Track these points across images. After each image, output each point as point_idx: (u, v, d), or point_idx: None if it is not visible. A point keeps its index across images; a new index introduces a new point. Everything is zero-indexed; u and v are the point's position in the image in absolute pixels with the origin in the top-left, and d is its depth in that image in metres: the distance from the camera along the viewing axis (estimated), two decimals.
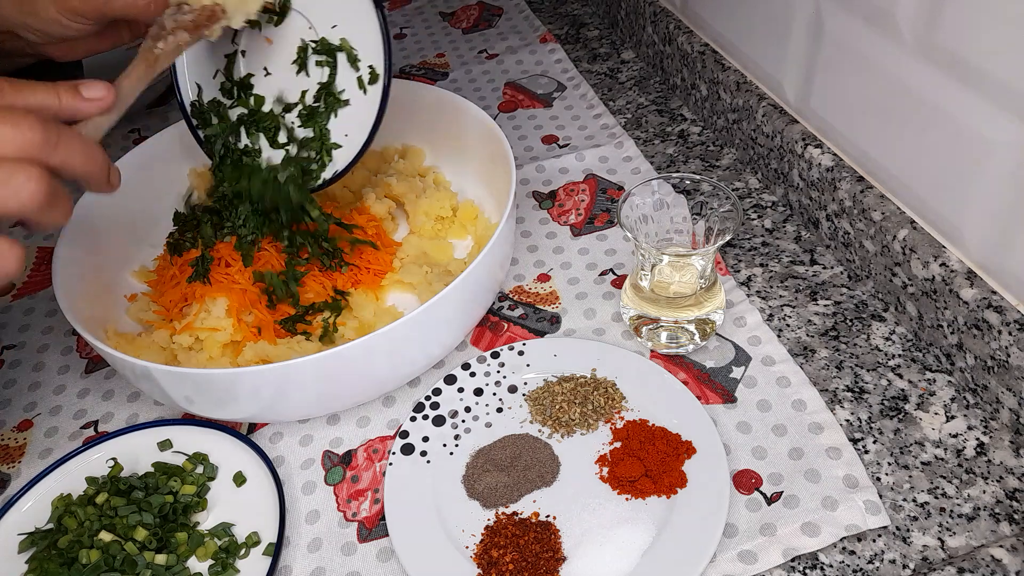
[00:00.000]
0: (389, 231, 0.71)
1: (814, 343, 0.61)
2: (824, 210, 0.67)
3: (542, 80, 0.94)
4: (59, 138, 0.41)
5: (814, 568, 0.49)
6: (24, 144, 0.40)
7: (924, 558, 0.49)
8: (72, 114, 0.46)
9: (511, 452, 0.55)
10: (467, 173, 0.76)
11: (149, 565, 0.51)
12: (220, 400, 0.55)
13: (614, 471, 0.54)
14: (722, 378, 0.59)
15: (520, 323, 0.66)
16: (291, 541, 0.54)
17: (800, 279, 0.67)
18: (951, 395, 0.57)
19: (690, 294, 0.59)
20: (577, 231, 0.74)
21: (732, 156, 0.80)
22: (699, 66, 0.82)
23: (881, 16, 0.57)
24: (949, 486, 0.52)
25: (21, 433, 0.63)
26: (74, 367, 0.68)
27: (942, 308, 0.56)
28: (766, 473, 0.53)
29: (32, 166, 0.40)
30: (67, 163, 0.42)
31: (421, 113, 0.76)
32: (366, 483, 0.56)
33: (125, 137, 0.94)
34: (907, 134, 0.58)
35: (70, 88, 0.46)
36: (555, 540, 0.51)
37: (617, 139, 0.83)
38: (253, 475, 0.56)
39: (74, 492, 0.56)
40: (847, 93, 0.63)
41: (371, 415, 0.61)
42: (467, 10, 1.10)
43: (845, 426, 0.56)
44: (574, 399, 0.57)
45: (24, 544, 0.53)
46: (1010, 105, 0.48)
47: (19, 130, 0.39)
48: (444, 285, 0.55)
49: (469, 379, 0.61)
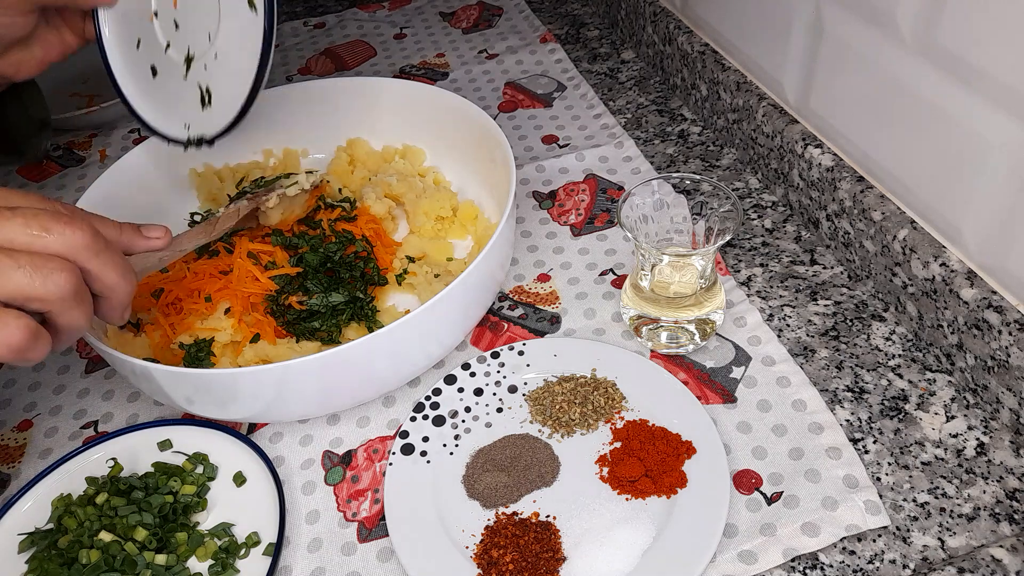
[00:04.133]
0: (389, 231, 0.71)
1: (814, 343, 0.61)
2: (824, 210, 0.67)
3: (542, 80, 0.94)
4: (105, 249, 0.43)
5: (814, 568, 0.49)
6: (71, 243, 0.42)
7: (924, 558, 0.49)
8: (126, 247, 0.49)
9: (511, 452, 0.55)
10: (467, 173, 0.76)
11: (149, 565, 0.51)
12: (220, 400, 0.55)
13: (614, 471, 0.54)
14: (722, 378, 0.59)
15: (520, 323, 0.66)
16: (291, 541, 0.54)
17: (800, 279, 0.67)
18: (951, 395, 0.57)
19: (690, 294, 0.59)
20: (577, 231, 0.74)
21: (732, 156, 0.80)
22: (699, 66, 0.82)
23: (881, 16, 0.57)
24: (949, 486, 0.52)
25: (21, 433, 0.63)
26: (74, 367, 0.68)
27: (942, 308, 0.56)
28: (766, 473, 0.53)
29: (67, 261, 0.41)
30: (101, 273, 0.43)
31: (421, 113, 0.76)
32: (366, 483, 0.56)
33: (125, 137, 0.94)
34: (907, 134, 0.58)
35: (132, 226, 0.49)
36: (555, 540, 0.51)
37: (617, 139, 0.83)
38: (253, 475, 0.56)
39: (74, 492, 0.56)
40: (847, 93, 0.63)
41: (371, 415, 0.61)
42: (467, 10, 1.10)
43: (845, 426, 0.56)
44: (574, 399, 0.57)
45: (24, 544, 0.53)
46: (1010, 105, 0.48)
47: (71, 229, 0.42)
48: (444, 285, 0.55)
49: (469, 379, 0.61)
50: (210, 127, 0.61)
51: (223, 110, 0.60)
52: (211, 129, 0.61)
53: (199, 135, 0.62)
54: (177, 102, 0.63)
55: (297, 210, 0.67)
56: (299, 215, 0.68)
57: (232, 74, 0.60)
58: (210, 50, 0.60)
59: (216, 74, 0.61)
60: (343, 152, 0.78)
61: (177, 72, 0.63)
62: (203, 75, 0.61)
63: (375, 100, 0.78)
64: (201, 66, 0.61)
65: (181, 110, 0.63)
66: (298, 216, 0.67)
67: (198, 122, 0.62)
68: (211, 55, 0.60)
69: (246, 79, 0.58)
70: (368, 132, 0.79)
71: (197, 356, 0.60)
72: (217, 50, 0.60)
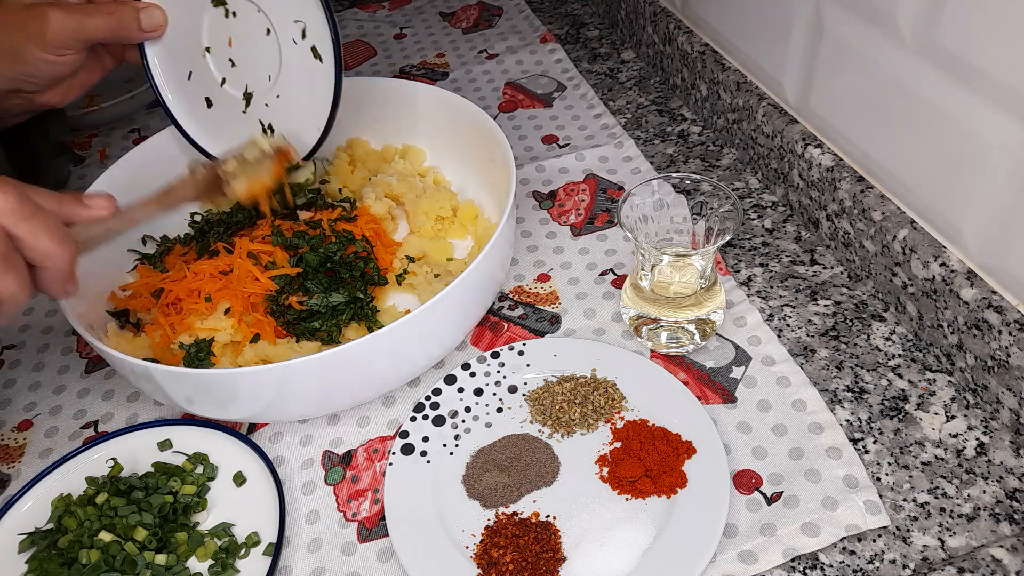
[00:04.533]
0: (389, 231, 0.71)
1: (814, 343, 0.61)
2: (824, 210, 0.67)
3: (542, 80, 0.94)
4: (34, 215, 0.42)
5: (814, 568, 0.49)
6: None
7: (924, 558, 0.49)
8: (67, 216, 0.47)
9: (511, 452, 0.55)
10: (467, 173, 0.76)
11: (149, 565, 0.51)
12: (220, 400, 0.55)
13: (614, 471, 0.54)
14: (722, 378, 0.59)
15: (520, 323, 0.66)
16: (291, 541, 0.54)
17: (800, 279, 0.67)
18: (951, 395, 0.57)
19: (690, 294, 0.59)
20: (577, 231, 0.74)
21: (732, 156, 0.80)
22: (699, 66, 0.82)
23: (881, 16, 0.57)
24: (949, 486, 0.52)
25: (21, 433, 0.63)
26: (74, 367, 0.68)
27: (942, 308, 0.56)
28: (766, 473, 0.53)
29: None
30: (33, 239, 0.42)
31: (421, 113, 0.76)
32: (366, 483, 0.56)
33: (125, 137, 0.94)
34: (907, 134, 0.58)
35: (73, 195, 0.48)
36: (555, 540, 0.51)
37: (617, 139, 0.83)
38: (253, 475, 0.56)
39: (74, 492, 0.56)
40: (847, 93, 0.63)
41: (371, 415, 0.61)
42: (467, 10, 1.10)
43: (845, 426, 0.56)
44: (574, 399, 0.57)
45: (24, 544, 0.53)
46: (1010, 105, 0.48)
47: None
48: (444, 285, 0.55)
49: (469, 379, 0.61)
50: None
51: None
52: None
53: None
54: (235, 133, 0.65)
55: (264, 177, 0.64)
56: (268, 184, 0.64)
57: (296, 115, 0.62)
58: (271, 90, 0.63)
59: (279, 112, 0.63)
60: (343, 152, 0.78)
61: (235, 106, 0.65)
62: (264, 111, 0.64)
63: (375, 100, 0.78)
64: (262, 103, 0.63)
65: (241, 138, 0.64)
66: (267, 186, 0.64)
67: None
68: (272, 95, 0.63)
69: (313, 123, 0.61)
70: (368, 132, 0.79)
71: (197, 356, 0.60)
72: (279, 91, 0.62)
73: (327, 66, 0.58)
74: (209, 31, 0.63)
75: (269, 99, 0.63)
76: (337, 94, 0.59)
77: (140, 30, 0.62)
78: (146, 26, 0.62)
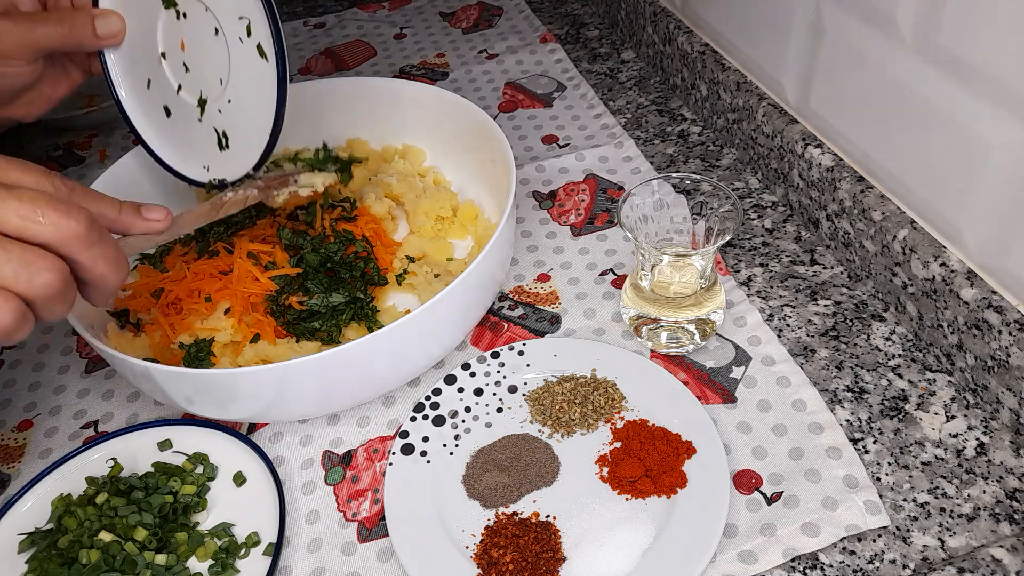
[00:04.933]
0: (389, 231, 0.71)
1: (814, 343, 0.61)
2: (824, 210, 0.67)
3: (542, 80, 0.94)
4: (98, 241, 0.42)
5: (814, 568, 0.49)
6: (64, 233, 0.40)
7: (924, 558, 0.49)
8: (124, 228, 0.47)
9: (511, 452, 0.55)
10: (467, 173, 0.76)
11: (149, 565, 0.51)
12: (220, 400, 0.55)
13: (614, 471, 0.54)
14: (722, 378, 0.59)
15: (520, 323, 0.66)
16: (291, 541, 0.54)
17: (800, 279, 0.67)
18: (951, 395, 0.57)
19: (690, 294, 0.59)
20: (577, 231, 0.74)
21: (732, 156, 0.80)
22: (699, 66, 0.82)
23: (881, 16, 0.57)
24: (949, 486, 0.52)
25: (21, 433, 0.63)
26: (74, 367, 0.68)
27: (942, 308, 0.56)
28: (766, 473, 0.53)
29: (56, 259, 0.40)
30: (92, 265, 0.42)
31: (421, 113, 0.76)
32: (366, 483, 0.56)
33: (125, 137, 0.94)
34: (907, 134, 0.58)
35: (133, 206, 0.48)
36: (555, 540, 0.51)
37: (617, 139, 0.83)
38: (253, 475, 0.56)
39: (74, 492, 0.56)
40: (847, 93, 0.63)
41: (371, 415, 0.61)
42: (467, 10, 1.10)
43: (845, 426, 0.56)
44: (574, 399, 0.57)
45: (24, 544, 0.53)
46: (1010, 105, 0.48)
47: (66, 219, 0.40)
48: (444, 285, 0.55)
49: (469, 379, 0.61)
50: (230, 171, 0.61)
51: (241, 155, 0.60)
52: (231, 173, 0.61)
53: (220, 178, 0.61)
54: (194, 143, 0.63)
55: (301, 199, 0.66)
56: (301, 201, 0.67)
57: (247, 120, 0.59)
58: (223, 95, 0.59)
59: (232, 118, 0.60)
60: (343, 152, 0.78)
61: (192, 114, 0.62)
62: (218, 118, 0.61)
63: (375, 100, 0.78)
64: (215, 109, 0.60)
65: (199, 151, 0.62)
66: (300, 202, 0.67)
67: (217, 164, 0.62)
68: (224, 100, 0.60)
69: (262, 127, 0.58)
70: (368, 132, 0.79)
71: (197, 356, 0.60)
72: (230, 96, 0.59)
73: (272, 65, 0.55)
74: (163, 35, 0.60)
75: (222, 104, 0.60)
76: (282, 94, 0.56)
77: (95, 36, 0.58)
78: (102, 33, 0.58)
